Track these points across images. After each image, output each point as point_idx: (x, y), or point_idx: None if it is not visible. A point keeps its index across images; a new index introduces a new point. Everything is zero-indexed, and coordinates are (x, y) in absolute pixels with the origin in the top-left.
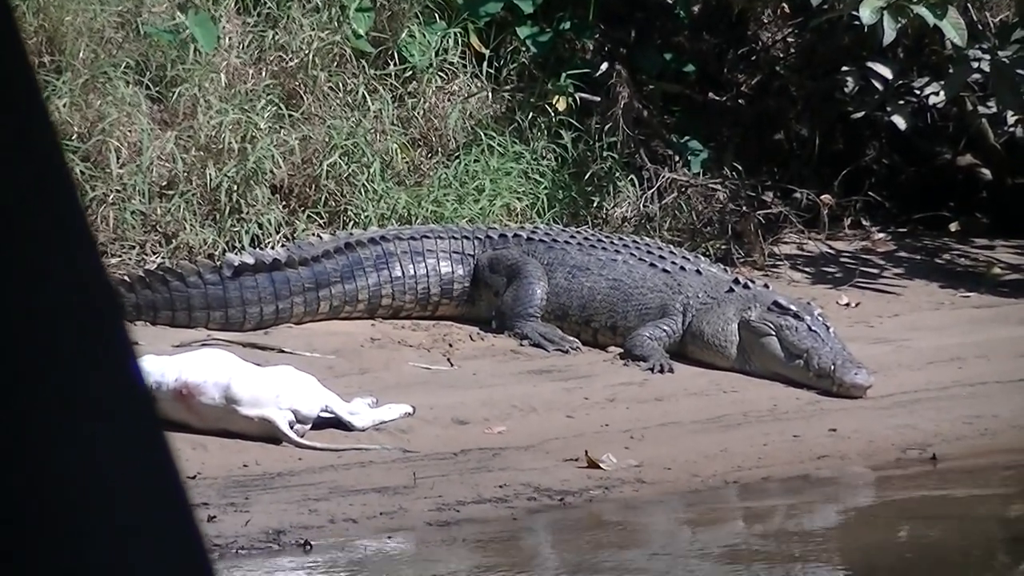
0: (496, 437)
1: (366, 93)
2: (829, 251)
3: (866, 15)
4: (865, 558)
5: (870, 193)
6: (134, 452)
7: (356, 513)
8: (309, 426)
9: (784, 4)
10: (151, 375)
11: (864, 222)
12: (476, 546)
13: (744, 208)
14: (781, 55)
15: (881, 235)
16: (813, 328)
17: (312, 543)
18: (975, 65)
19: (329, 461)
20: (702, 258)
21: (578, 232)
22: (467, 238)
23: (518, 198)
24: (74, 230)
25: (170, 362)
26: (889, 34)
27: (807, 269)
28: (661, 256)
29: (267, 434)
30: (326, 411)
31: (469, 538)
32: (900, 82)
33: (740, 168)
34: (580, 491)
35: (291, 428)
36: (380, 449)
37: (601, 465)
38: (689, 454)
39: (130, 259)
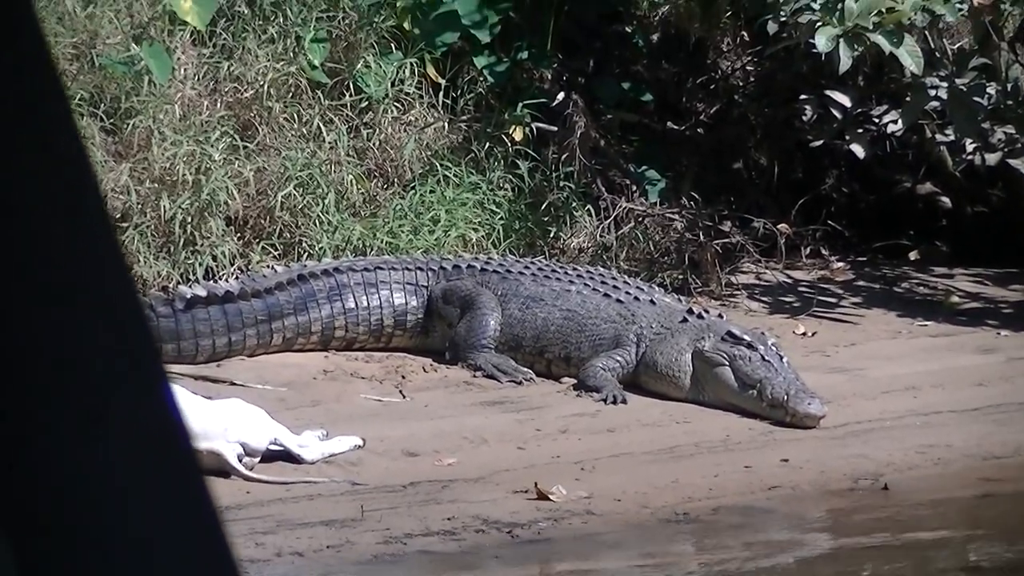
0: (446, 469)
1: (321, 124)
2: (787, 280)
3: (822, 43)
4: None
5: (829, 222)
6: (163, 470)
7: (303, 547)
8: (258, 459)
9: (743, 32)
10: None
11: (823, 251)
12: None
13: (701, 237)
14: (740, 83)
15: (840, 264)
16: (767, 358)
17: None
18: (933, 93)
19: (277, 494)
20: (656, 288)
21: (532, 263)
22: (420, 269)
23: (474, 229)
24: (104, 248)
25: None
26: (845, 62)
27: (764, 299)
28: (615, 286)
29: (215, 467)
30: (275, 444)
31: (416, 571)
32: (859, 110)
33: (698, 197)
34: (529, 523)
35: (239, 461)
36: (329, 482)
37: (551, 497)
38: (640, 485)
39: None
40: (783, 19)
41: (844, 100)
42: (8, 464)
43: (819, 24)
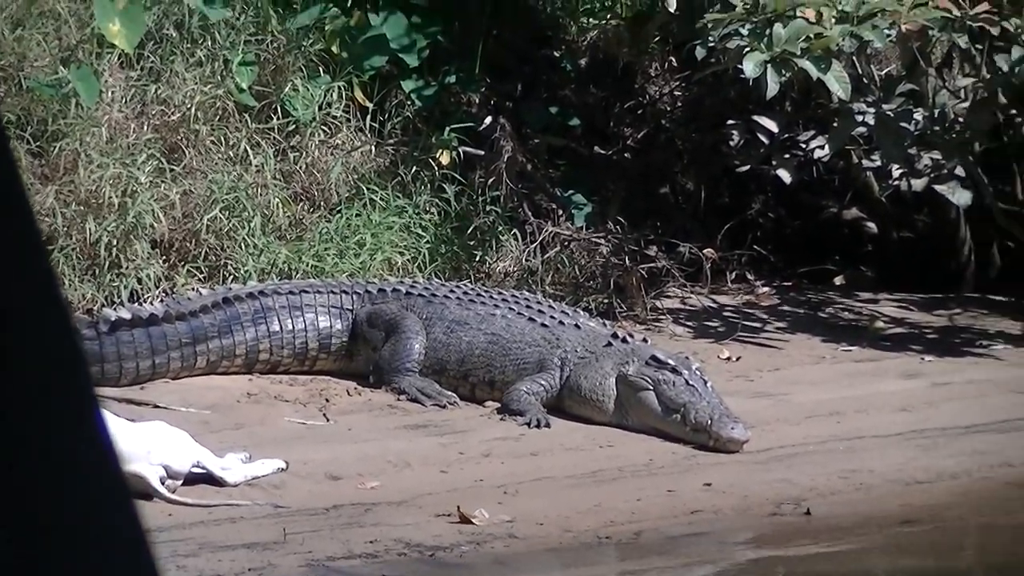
0: (369, 492)
1: (248, 147)
2: (712, 305)
3: (749, 68)
4: None
5: (755, 247)
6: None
7: (224, 569)
8: (180, 482)
9: (671, 57)
10: None
11: (748, 276)
12: None
13: (627, 262)
14: (668, 108)
15: (765, 289)
16: (690, 382)
17: None
18: (860, 118)
19: (199, 517)
20: (581, 312)
21: (457, 286)
22: (346, 292)
23: (400, 252)
24: (38, 275)
25: None
26: (772, 87)
27: (689, 323)
28: (540, 310)
29: (137, 490)
30: (198, 467)
31: None
32: (786, 135)
33: (624, 222)
34: (451, 546)
35: (162, 484)
36: (251, 505)
37: (473, 520)
38: (562, 509)
39: None
40: (711, 44)
41: (771, 125)
42: (8, 464)
43: (747, 50)
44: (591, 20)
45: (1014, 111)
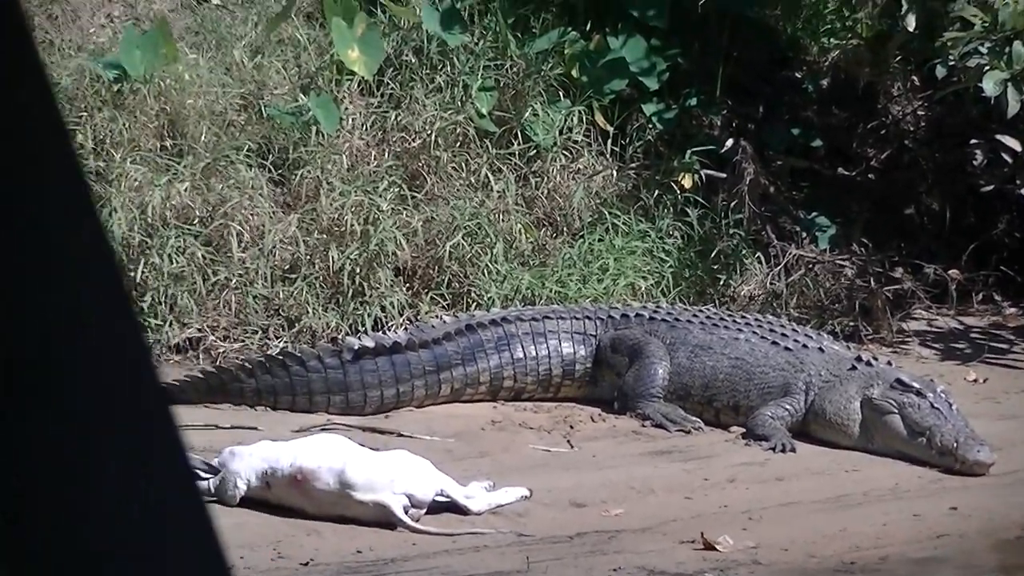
0: (613, 519)
1: (489, 173)
2: (958, 327)
3: (990, 87)
4: None
5: (1001, 267)
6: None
7: None
8: (424, 510)
9: (913, 77)
10: (267, 461)
11: (996, 297)
12: None
13: (872, 284)
14: (911, 128)
15: (1012, 310)
16: (936, 405)
17: None
18: None
19: (443, 546)
20: (824, 336)
21: (700, 311)
22: (588, 318)
23: (643, 277)
24: (101, 265)
25: (285, 448)
26: (1013, 106)
27: (936, 345)
28: (783, 334)
29: (382, 519)
30: (441, 495)
31: None
32: None
33: (868, 243)
34: (695, 573)
35: (406, 513)
36: (495, 533)
37: (717, 547)
38: (807, 534)
39: (253, 343)
40: (951, 63)
41: (1015, 144)
42: (7, 470)
43: (987, 68)
44: (832, 40)
45: None
